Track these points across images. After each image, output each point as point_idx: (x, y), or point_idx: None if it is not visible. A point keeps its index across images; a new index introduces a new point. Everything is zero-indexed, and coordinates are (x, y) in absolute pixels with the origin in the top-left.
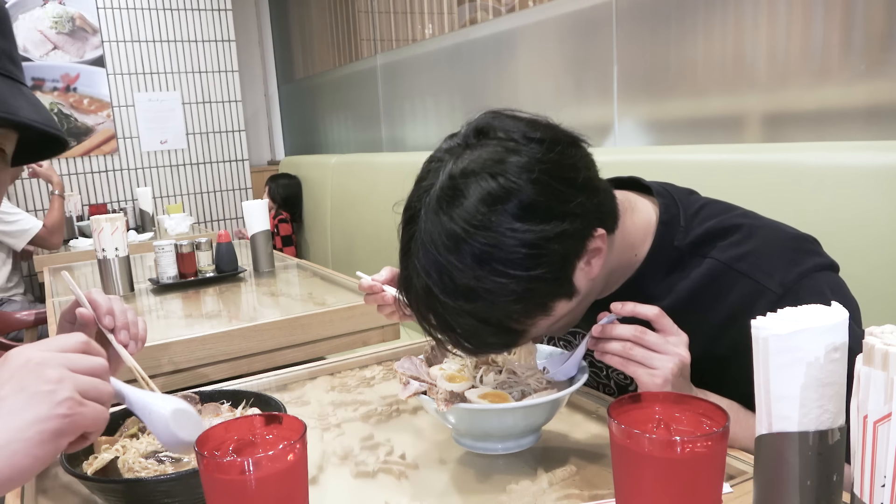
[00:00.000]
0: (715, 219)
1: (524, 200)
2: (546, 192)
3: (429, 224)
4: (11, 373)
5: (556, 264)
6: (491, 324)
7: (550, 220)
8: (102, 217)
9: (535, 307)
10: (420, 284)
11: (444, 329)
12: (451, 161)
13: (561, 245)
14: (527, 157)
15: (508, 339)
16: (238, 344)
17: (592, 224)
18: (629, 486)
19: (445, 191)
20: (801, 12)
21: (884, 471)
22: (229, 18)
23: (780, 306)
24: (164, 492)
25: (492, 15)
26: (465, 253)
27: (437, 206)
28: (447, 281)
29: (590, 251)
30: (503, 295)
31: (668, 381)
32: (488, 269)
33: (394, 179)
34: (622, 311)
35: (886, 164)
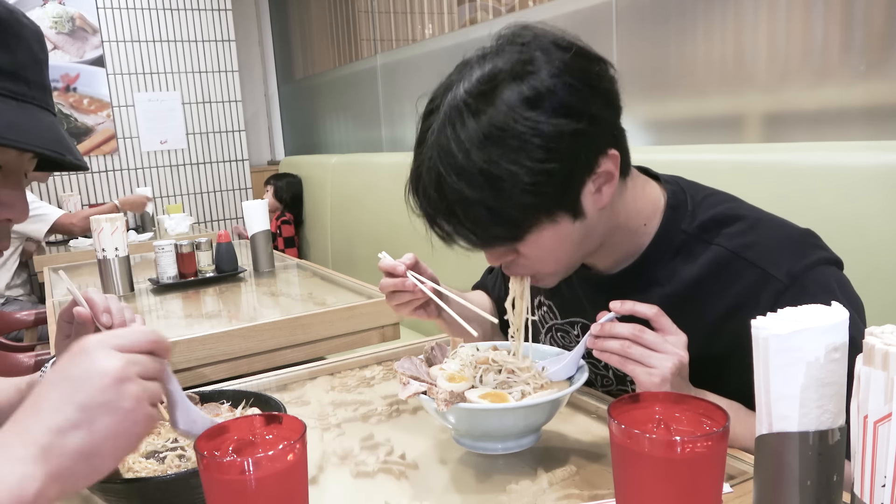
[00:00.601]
0: (721, 206)
1: (543, 92)
2: (566, 88)
3: (451, 111)
4: (93, 377)
5: (568, 163)
6: (498, 213)
7: (567, 116)
8: (102, 217)
9: (541, 206)
10: (433, 170)
11: (449, 215)
12: (480, 62)
13: (574, 143)
14: (553, 58)
15: (514, 231)
16: (238, 344)
17: (607, 139)
18: (629, 486)
19: (473, 84)
20: (801, 12)
21: (884, 471)
22: (229, 18)
23: (785, 297)
24: (164, 492)
25: (492, 15)
26: (483, 136)
27: (463, 96)
28: (461, 162)
29: (601, 173)
30: (513, 183)
31: (667, 381)
32: (501, 154)
33: (394, 179)
34: (621, 310)
35: (886, 164)
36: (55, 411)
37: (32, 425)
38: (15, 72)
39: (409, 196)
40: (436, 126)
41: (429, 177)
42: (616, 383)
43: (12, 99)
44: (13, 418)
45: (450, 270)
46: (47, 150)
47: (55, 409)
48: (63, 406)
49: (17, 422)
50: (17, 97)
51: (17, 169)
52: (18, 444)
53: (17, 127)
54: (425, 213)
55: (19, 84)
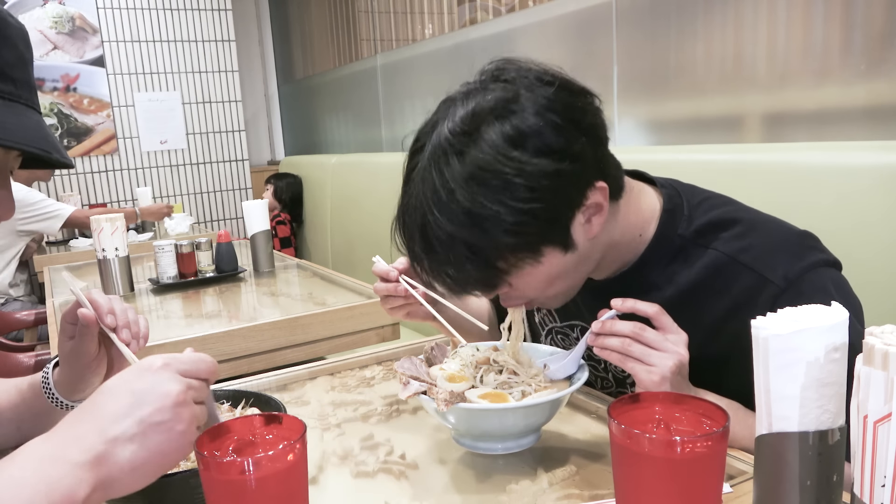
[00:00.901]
0: (718, 210)
1: (526, 131)
2: (550, 127)
3: (436, 151)
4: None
5: (551, 203)
6: (478, 254)
7: (551, 156)
8: (102, 217)
9: (524, 245)
10: (418, 209)
11: (430, 253)
12: (464, 100)
13: (558, 183)
14: (537, 97)
15: (491, 278)
16: (238, 344)
17: (594, 173)
18: (629, 486)
19: (455, 126)
20: (801, 12)
21: (884, 471)
22: (229, 18)
23: (782, 300)
24: (164, 492)
25: (492, 15)
26: (467, 175)
27: (443, 141)
28: (445, 201)
29: (590, 205)
30: (496, 223)
31: (667, 379)
32: (485, 194)
33: (394, 179)
34: (622, 308)
35: (886, 164)
36: (114, 422)
37: (90, 431)
38: (1, 70)
39: (394, 234)
40: (421, 166)
41: (413, 216)
42: (616, 385)
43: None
44: (71, 420)
45: None
46: (34, 148)
47: (115, 419)
48: (123, 419)
49: (74, 425)
50: (3, 96)
51: (2, 167)
52: (75, 448)
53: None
54: (410, 251)
55: (6, 83)
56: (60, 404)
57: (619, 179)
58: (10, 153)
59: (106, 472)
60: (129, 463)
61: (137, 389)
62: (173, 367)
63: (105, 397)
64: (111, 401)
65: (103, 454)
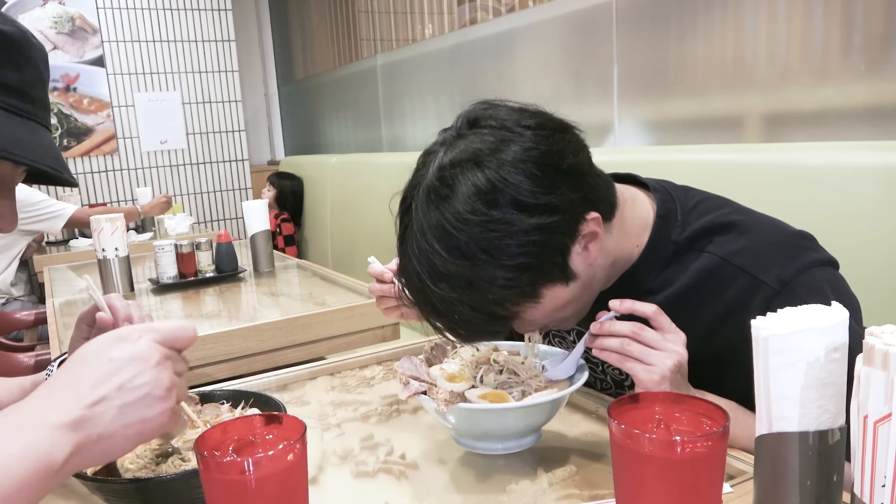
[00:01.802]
0: (712, 214)
1: (507, 192)
2: (529, 182)
3: (419, 214)
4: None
5: (540, 254)
6: (481, 311)
7: (533, 213)
8: (102, 217)
9: (522, 294)
10: (413, 273)
11: (437, 315)
12: (442, 152)
13: (544, 236)
14: (514, 147)
15: (500, 325)
16: (238, 344)
17: (582, 210)
18: (629, 486)
19: (434, 182)
20: (801, 12)
21: (884, 471)
22: (229, 18)
23: (776, 302)
24: (164, 492)
25: (492, 15)
26: (451, 244)
27: (425, 199)
28: (435, 270)
29: (585, 235)
30: (489, 283)
31: (666, 378)
32: (474, 259)
33: (394, 179)
34: (620, 309)
35: (886, 164)
36: (93, 387)
37: (69, 396)
38: (22, 90)
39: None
40: (413, 230)
41: (413, 281)
42: (614, 387)
43: (17, 115)
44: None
45: None
46: (47, 166)
47: (93, 385)
48: (101, 384)
49: (52, 391)
50: (21, 114)
51: (10, 181)
52: (53, 412)
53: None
54: (419, 309)
55: (25, 102)
56: None
57: (610, 202)
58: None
59: (84, 436)
60: (109, 427)
61: (115, 357)
62: (150, 336)
63: (83, 365)
64: (89, 368)
65: (81, 418)
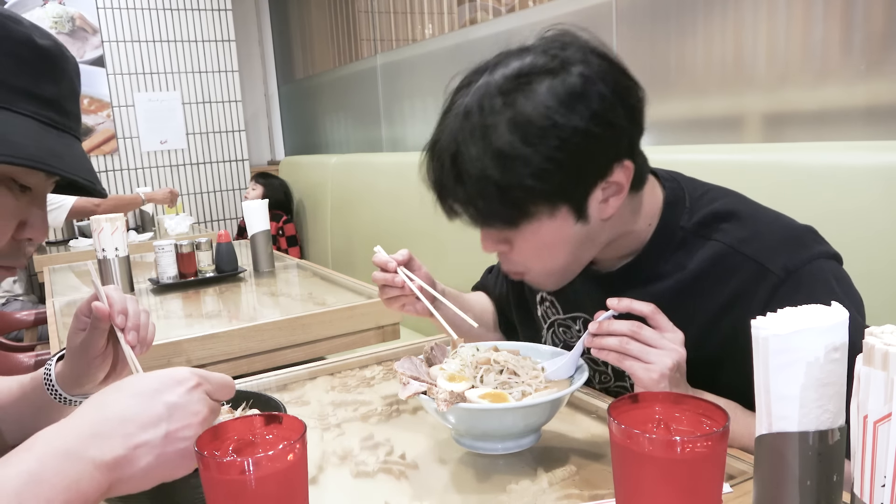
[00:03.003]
0: (719, 201)
1: (573, 93)
2: (596, 94)
3: (483, 93)
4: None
5: (577, 159)
6: (503, 192)
7: (588, 117)
8: (102, 217)
9: (544, 193)
10: (453, 142)
11: (458, 186)
12: (520, 55)
13: (589, 144)
14: (590, 64)
15: (514, 214)
16: (238, 344)
17: (625, 150)
18: (629, 486)
19: (510, 72)
20: (801, 12)
21: (884, 471)
22: (229, 18)
23: (781, 291)
24: (165, 492)
25: (492, 15)
26: (506, 118)
27: (497, 81)
28: (479, 138)
29: (612, 182)
30: (524, 165)
31: (665, 377)
32: (519, 138)
33: (394, 179)
34: (618, 307)
35: (886, 164)
36: (142, 429)
37: (117, 432)
38: (58, 102)
39: (423, 163)
40: (464, 103)
41: (448, 147)
42: (614, 380)
43: (53, 128)
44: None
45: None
46: (81, 178)
47: (143, 427)
48: (150, 428)
49: (97, 422)
50: (58, 126)
51: (42, 191)
52: (97, 447)
53: (58, 155)
54: (436, 180)
55: (61, 115)
56: (61, 399)
57: (643, 171)
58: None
59: (119, 476)
60: (143, 471)
61: (170, 403)
62: (204, 387)
63: (135, 401)
64: (142, 407)
65: (123, 459)
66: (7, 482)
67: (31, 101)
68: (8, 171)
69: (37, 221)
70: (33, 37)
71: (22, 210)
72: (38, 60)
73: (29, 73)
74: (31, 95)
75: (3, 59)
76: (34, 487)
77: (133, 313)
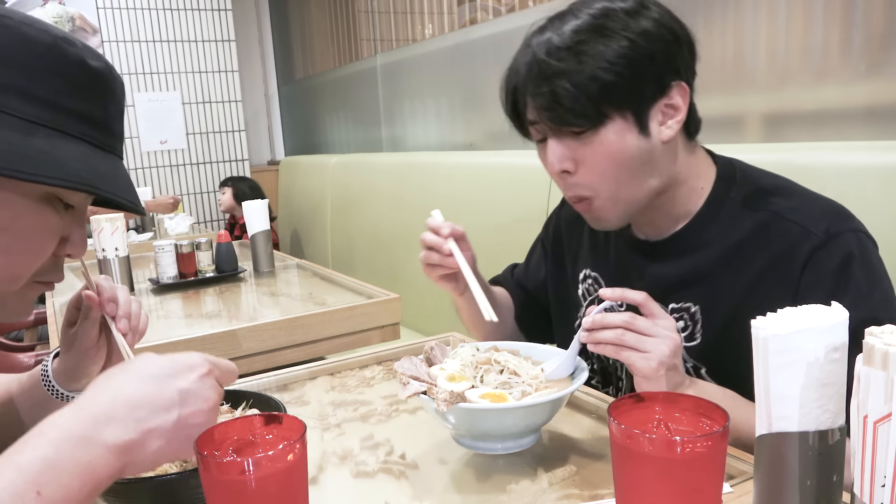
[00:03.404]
0: (769, 179)
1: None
2: (660, 9)
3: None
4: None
5: (642, 61)
6: (577, 87)
7: (656, 25)
8: (102, 217)
9: (613, 90)
10: (529, 50)
11: (535, 89)
12: None
13: (657, 48)
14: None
15: (587, 112)
16: (238, 344)
17: (683, 71)
18: (629, 486)
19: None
20: (801, 12)
21: (884, 471)
22: (229, 18)
23: (820, 253)
24: (164, 492)
25: (492, 15)
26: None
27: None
28: (555, 43)
29: (670, 104)
30: (595, 59)
31: (663, 364)
32: (591, 36)
33: (394, 179)
34: (611, 297)
35: (886, 164)
36: (154, 413)
37: (129, 416)
38: (106, 123)
39: (501, 87)
40: (541, 24)
41: (523, 56)
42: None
43: (101, 149)
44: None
45: None
46: (126, 199)
47: (155, 411)
48: (163, 413)
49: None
50: (105, 147)
51: (83, 208)
52: (110, 431)
53: (106, 177)
54: (512, 89)
55: (107, 135)
56: (58, 394)
57: (697, 118)
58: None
59: (131, 459)
60: (154, 454)
61: (183, 389)
62: (215, 373)
63: (147, 385)
64: (154, 391)
65: (135, 443)
66: (23, 468)
67: (82, 122)
68: (54, 190)
69: (77, 238)
70: (86, 59)
71: (64, 227)
72: (90, 82)
73: (80, 95)
74: (82, 117)
75: (56, 81)
76: (50, 473)
77: (124, 301)
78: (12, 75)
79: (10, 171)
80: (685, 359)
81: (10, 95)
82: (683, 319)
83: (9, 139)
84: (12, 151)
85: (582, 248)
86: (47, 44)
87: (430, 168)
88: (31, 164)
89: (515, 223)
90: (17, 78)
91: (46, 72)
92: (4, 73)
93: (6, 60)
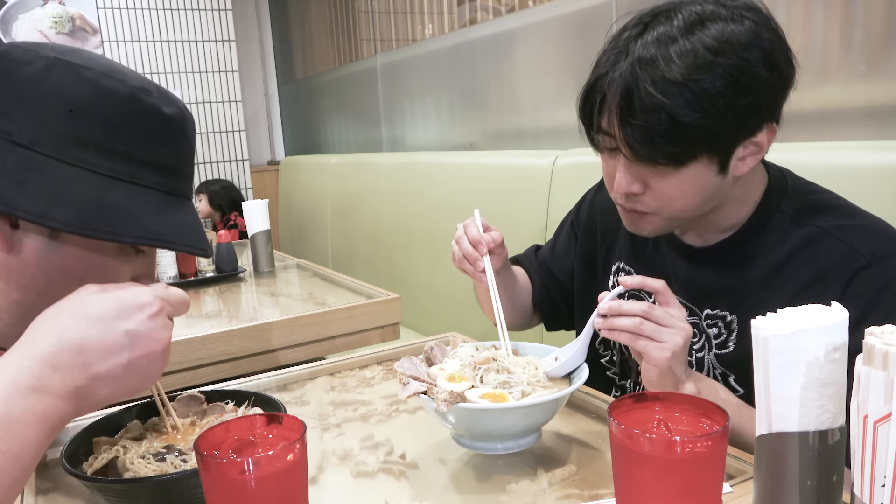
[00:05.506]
0: (820, 194)
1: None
2: (767, 37)
3: (665, 28)
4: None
5: (749, 106)
6: (675, 128)
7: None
8: None
9: (711, 136)
10: (627, 75)
11: (632, 113)
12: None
13: (762, 91)
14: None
15: (674, 153)
16: (238, 344)
17: (775, 112)
18: (629, 486)
19: (691, 15)
20: (801, 12)
21: (884, 471)
22: (229, 18)
23: (864, 273)
24: (164, 492)
25: (492, 15)
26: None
27: (679, 23)
28: (662, 72)
29: (755, 142)
30: (703, 101)
31: (677, 355)
32: (703, 74)
33: (394, 179)
34: (631, 285)
35: (886, 164)
36: (102, 358)
37: (77, 362)
38: (178, 168)
39: (579, 103)
40: (641, 37)
41: (619, 65)
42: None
43: (173, 196)
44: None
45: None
46: (198, 249)
47: (102, 356)
48: (111, 357)
49: (60, 348)
50: (177, 193)
51: (154, 253)
52: (58, 379)
53: (180, 229)
54: (599, 99)
55: (178, 179)
56: None
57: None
58: None
59: (82, 404)
60: (106, 397)
61: (132, 331)
62: (167, 310)
63: (93, 328)
64: (100, 334)
65: (85, 388)
66: None
67: (156, 172)
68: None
69: (146, 280)
70: (161, 107)
71: (134, 270)
72: (165, 131)
73: (156, 144)
74: (156, 167)
75: (133, 134)
76: (7, 428)
77: None
78: (91, 129)
79: (89, 232)
80: (714, 365)
81: (88, 150)
82: (717, 327)
83: (87, 196)
84: (91, 210)
85: (618, 240)
86: (125, 96)
87: (430, 168)
88: (108, 224)
89: (515, 223)
90: (95, 132)
91: (124, 125)
92: (83, 128)
93: (84, 114)
